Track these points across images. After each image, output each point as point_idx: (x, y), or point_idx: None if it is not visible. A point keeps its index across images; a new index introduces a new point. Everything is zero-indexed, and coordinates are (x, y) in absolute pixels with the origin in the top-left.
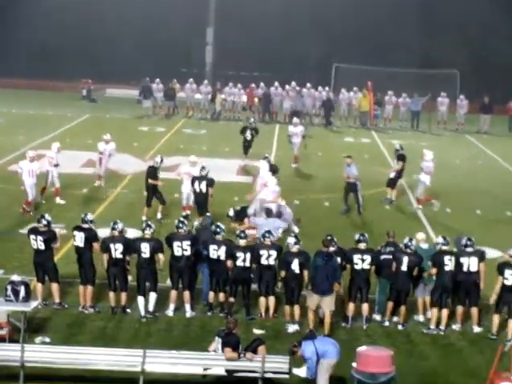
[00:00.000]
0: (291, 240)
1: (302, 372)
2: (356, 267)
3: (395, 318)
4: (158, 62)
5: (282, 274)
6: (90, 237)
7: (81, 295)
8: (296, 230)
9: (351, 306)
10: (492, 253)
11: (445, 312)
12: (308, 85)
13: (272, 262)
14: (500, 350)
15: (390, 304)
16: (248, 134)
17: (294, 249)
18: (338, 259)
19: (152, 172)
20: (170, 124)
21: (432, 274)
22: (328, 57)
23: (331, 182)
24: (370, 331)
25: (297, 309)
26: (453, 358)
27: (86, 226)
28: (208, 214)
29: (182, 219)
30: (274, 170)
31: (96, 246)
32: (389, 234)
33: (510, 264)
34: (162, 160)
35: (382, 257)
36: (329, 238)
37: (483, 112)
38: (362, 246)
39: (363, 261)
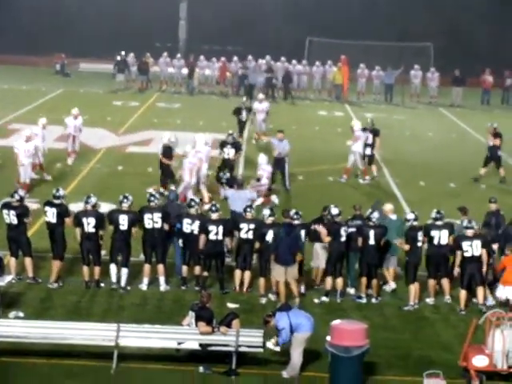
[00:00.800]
0: (266, 212)
1: (275, 347)
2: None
3: (369, 291)
4: (132, 37)
5: (257, 245)
6: (62, 212)
7: (53, 270)
8: (276, 201)
9: (329, 280)
10: None
11: (416, 286)
12: (282, 58)
13: (251, 235)
14: (474, 323)
15: (364, 279)
16: (244, 115)
17: (269, 220)
18: (302, 232)
19: (167, 151)
20: (144, 98)
21: (405, 249)
22: (302, 30)
23: (306, 155)
24: (344, 305)
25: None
26: (426, 332)
27: (57, 201)
28: (172, 187)
29: (153, 192)
30: None
31: (68, 220)
32: (355, 207)
33: (465, 236)
34: (176, 139)
35: (349, 230)
36: (289, 209)
37: (455, 85)
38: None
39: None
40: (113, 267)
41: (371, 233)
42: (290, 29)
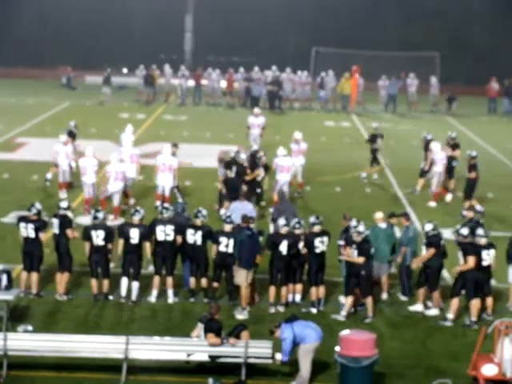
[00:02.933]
0: (281, 221)
1: (284, 358)
2: (316, 251)
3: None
4: (138, 49)
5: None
6: (64, 223)
7: (58, 283)
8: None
9: (313, 291)
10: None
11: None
12: (287, 69)
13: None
14: (483, 331)
15: (357, 290)
16: (379, 143)
17: (283, 230)
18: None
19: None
20: (150, 111)
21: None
22: (308, 41)
23: (313, 166)
24: (352, 315)
25: (284, 290)
26: (436, 341)
27: (61, 212)
28: (180, 200)
29: (166, 204)
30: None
31: (69, 232)
32: (345, 217)
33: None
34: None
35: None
36: (249, 216)
37: (449, 102)
38: (317, 228)
39: (323, 243)
40: (124, 280)
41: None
42: (296, 39)
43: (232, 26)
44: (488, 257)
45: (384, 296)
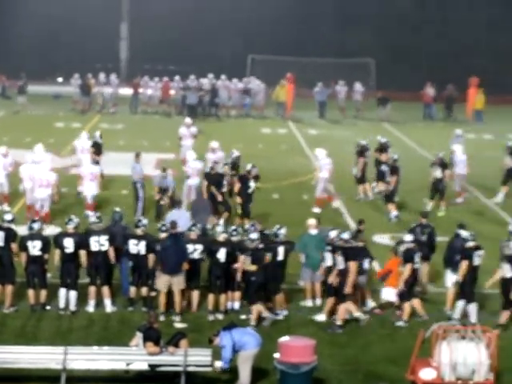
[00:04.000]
0: (219, 229)
1: (223, 365)
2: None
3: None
4: (74, 58)
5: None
6: (9, 236)
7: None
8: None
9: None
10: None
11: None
12: (223, 77)
13: (197, 255)
14: (421, 335)
15: (279, 296)
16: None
17: (221, 238)
18: (281, 248)
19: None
20: (86, 119)
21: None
22: (244, 48)
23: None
24: (292, 321)
25: (223, 297)
26: (374, 346)
27: (5, 225)
28: (117, 209)
29: (98, 214)
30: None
31: (14, 246)
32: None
33: (414, 250)
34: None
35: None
36: (176, 222)
37: (382, 104)
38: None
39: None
40: (62, 291)
41: (280, 249)
42: (232, 47)
43: (168, 33)
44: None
45: (318, 302)
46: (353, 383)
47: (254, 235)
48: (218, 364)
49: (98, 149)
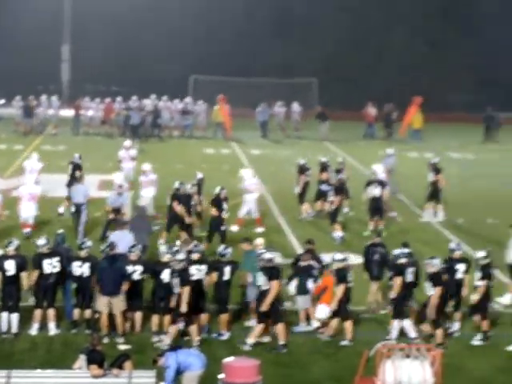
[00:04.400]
0: (163, 249)
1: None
2: (193, 278)
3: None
4: (15, 80)
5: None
6: None
7: None
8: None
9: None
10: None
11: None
12: (164, 97)
13: (137, 276)
14: (365, 354)
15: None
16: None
17: (165, 258)
18: (228, 268)
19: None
20: (28, 141)
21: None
22: (187, 69)
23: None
24: (235, 341)
25: (167, 319)
26: (319, 365)
27: None
28: (60, 230)
29: (46, 236)
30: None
31: None
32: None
33: (346, 269)
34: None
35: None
36: (114, 243)
37: (321, 120)
38: (196, 256)
39: (200, 271)
40: (4, 315)
41: (226, 269)
42: (174, 68)
43: (111, 55)
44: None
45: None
46: None
47: (181, 256)
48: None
49: (78, 169)
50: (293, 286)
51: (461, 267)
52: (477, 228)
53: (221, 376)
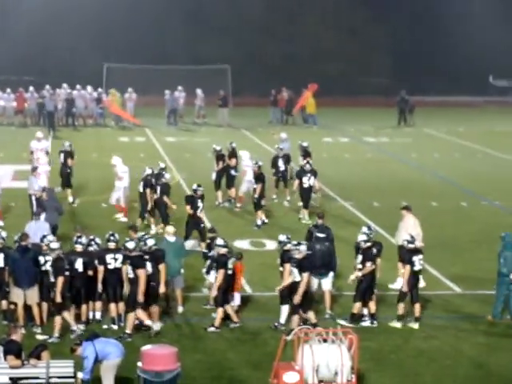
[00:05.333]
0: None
1: (86, 376)
2: (109, 267)
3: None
4: None
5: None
6: None
7: None
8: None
9: (113, 307)
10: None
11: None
12: (78, 86)
13: (49, 267)
14: (283, 340)
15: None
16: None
17: (78, 248)
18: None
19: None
20: None
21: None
22: (101, 57)
23: (108, 182)
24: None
25: (84, 308)
26: (237, 352)
27: None
28: None
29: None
30: None
31: None
32: (76, 229)
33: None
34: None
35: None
36: (26, 233)
37: (221, 105)
38: (112, 245)
39: (116, 260)
40: None
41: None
42: (88, 57)
43: (23, 44)
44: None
45: (180, 309)
46: None
47: (131, 244)
48: (80, 375)
49: (70, 157)
50: (212, 275)
51: (373, 251)
52: (392, 211)
53: (139, 364)
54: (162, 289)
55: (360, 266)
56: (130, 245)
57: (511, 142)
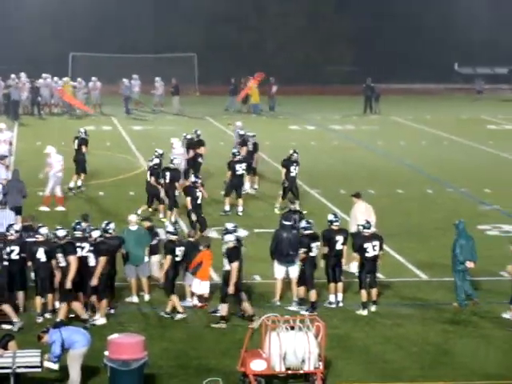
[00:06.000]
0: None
1: (53, 365)
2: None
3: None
4: None
5: (29, 263)
6: None
7: None
8: None
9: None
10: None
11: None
12: (44, 75)
13: (15, 257)
14: (250, 328)
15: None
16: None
17: (41, 238)
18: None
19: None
20: None
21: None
22: (66, 46)
23: (72, 171)
24: (122, 319)
25: (50, 297)
26: (205, 340)
27: None
28: None
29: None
30: None
31: None
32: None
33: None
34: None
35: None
36: None
37: (174, 94)
38: (79, 234)
39: (82, 249)
40: None
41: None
42: (53, 45)
43: None
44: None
45: (146, 297)
46: (185, 378)
47: (61, 232)
48: (47, 364)
49: (84, 144)
50: (155, 258)
51: (340, 238)
52: None
53: (106, 353)
54: (93, 281)
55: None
56: (60, 233)
57: (477, 129)
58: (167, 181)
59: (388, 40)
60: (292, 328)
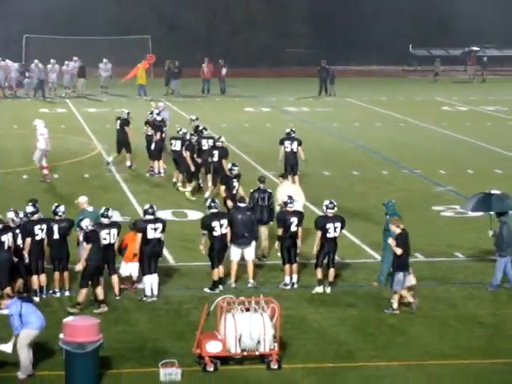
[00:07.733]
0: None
1: (7, 348)
2: (36, 238)
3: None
4: None
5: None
6: None
7: None
8: None
9: (35, 279)
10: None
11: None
12: None
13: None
14: (205, 309)
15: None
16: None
17: (10, 223)
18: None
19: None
20: None
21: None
22: (21, 29)
23: (28, 153)
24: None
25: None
26: (160, 323)
27: None
28: None
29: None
30: None
31: None
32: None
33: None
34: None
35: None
36: None
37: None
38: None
39: (42, 230)
40: None
41: (55, 227)
42: (8, 28)
43: None
44: None
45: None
46: (140, 360)
47: (20, 214)
48: (2, 347)
49: (126, 124)
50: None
51: (294, 220)
52: (314, 180)
53: (61, 335)
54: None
55: None
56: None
57: (431, 110)
58: (215, 159)
59: (344, 22)
60: (247, 310)
